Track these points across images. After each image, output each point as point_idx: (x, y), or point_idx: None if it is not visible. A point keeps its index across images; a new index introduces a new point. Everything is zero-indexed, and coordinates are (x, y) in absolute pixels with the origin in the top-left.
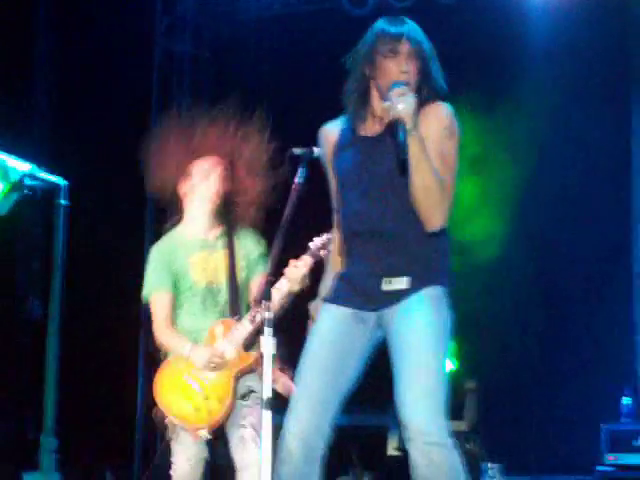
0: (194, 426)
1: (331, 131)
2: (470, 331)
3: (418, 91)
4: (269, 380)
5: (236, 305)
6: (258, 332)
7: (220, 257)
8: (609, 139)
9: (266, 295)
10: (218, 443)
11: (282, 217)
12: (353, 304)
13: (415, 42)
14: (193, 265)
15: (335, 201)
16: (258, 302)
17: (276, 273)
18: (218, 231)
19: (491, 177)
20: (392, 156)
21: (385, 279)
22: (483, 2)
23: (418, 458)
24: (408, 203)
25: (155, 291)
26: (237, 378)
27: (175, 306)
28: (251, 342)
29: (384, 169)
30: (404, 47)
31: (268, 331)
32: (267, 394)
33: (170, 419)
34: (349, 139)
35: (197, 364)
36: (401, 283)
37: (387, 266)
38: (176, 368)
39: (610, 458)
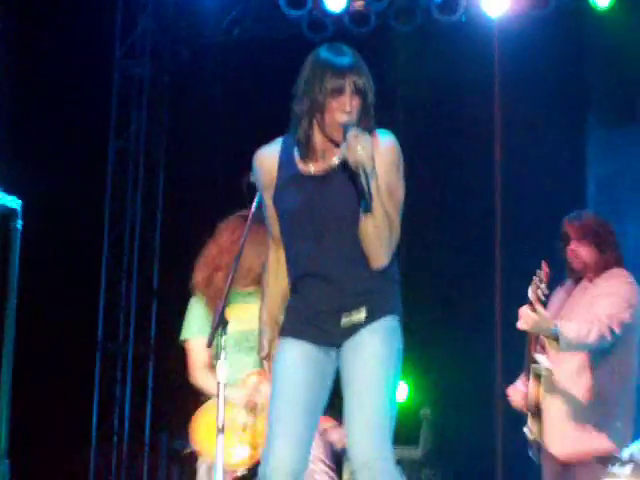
0: (226, 467)
1: (269, 160)
2: (425, 359)
3: (358, 123)
4: (222, 406)
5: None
6: None
7: (255, 308)
8: (565, 166)
9: (222, 321)
10: None
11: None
12: (314, 340)
13: (358, 77)
14: (229, 313)
15: (271, 225)
16: (215, 329)
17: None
18: (254, 287)
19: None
20: (341, 197)
21: (344, 313)
22: (440, 30)
23: None
24: (356, 241)
25: (194, 337)
26: None
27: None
28: None
29: (333, 211)
30: (348, 84)
31: (223, 356)
32: (221, 421)
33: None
34: (292, 176)
35: (236, 401)
36: (360, 313)
37: (343, 304)
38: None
39: None
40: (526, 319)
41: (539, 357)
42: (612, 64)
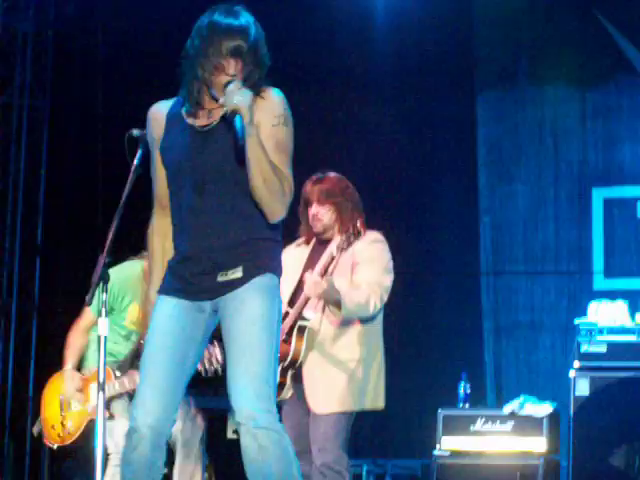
0: (46, 438)
1: (160, 113)
2: None
3: (246, 81)
4: (104, 362)
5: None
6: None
7: None
8: (455, 131)
9: (103, 276)
10: None
11: (120, 198)
12: (188, 296)
13: (244, 40)
14: (133, 310)
15: (158, 185)
16: (96, 283)
17: (111, 253)
18: None
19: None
20: (223, 150)
21: (220, 272)
22: None
23: (247, 442)
24: (239, 197)
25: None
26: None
27: None
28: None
29: (214, 164)
30: (235, 46)
31: (104, 312)
32: (102, 377)
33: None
34: (178, 128)
35: (65, 390)
36: (236, 273)
37: (220, 262)
38: (59, 382)
39: (442, 442)
40: (316, 287)
41: (310, 314)
42: (500, 24)
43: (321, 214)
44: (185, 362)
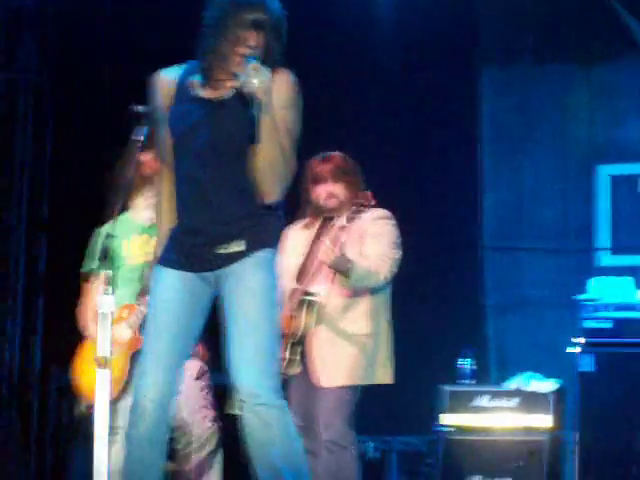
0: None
1: (168, 80)
2: None
3: (265, 55)
4: (107, 338)
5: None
6: None
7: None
8: (457, 109)
9: (106, 252)
10: None
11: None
12: (190, 268)
13: (269, 13)
14: (130, 244)
15: (164, 150)
16: (103, 260)
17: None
18: None
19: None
20: (231, 124)
21: (223, 245)
22: None
23: (249, 419)
24: (243, 172)
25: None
26: (133, 358)
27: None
28: None
29: (223, 135)
30: (258, 19)
31: (106, 289)
32: (105, 353)
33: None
34: (188, 98)
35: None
36: (238, 245)
37: (221, 235)
38: (86, 351)
39: (448, 419)
40: (328, 254)
41: (318, 288)
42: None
43: (337, 191)
44: (187, 334)
